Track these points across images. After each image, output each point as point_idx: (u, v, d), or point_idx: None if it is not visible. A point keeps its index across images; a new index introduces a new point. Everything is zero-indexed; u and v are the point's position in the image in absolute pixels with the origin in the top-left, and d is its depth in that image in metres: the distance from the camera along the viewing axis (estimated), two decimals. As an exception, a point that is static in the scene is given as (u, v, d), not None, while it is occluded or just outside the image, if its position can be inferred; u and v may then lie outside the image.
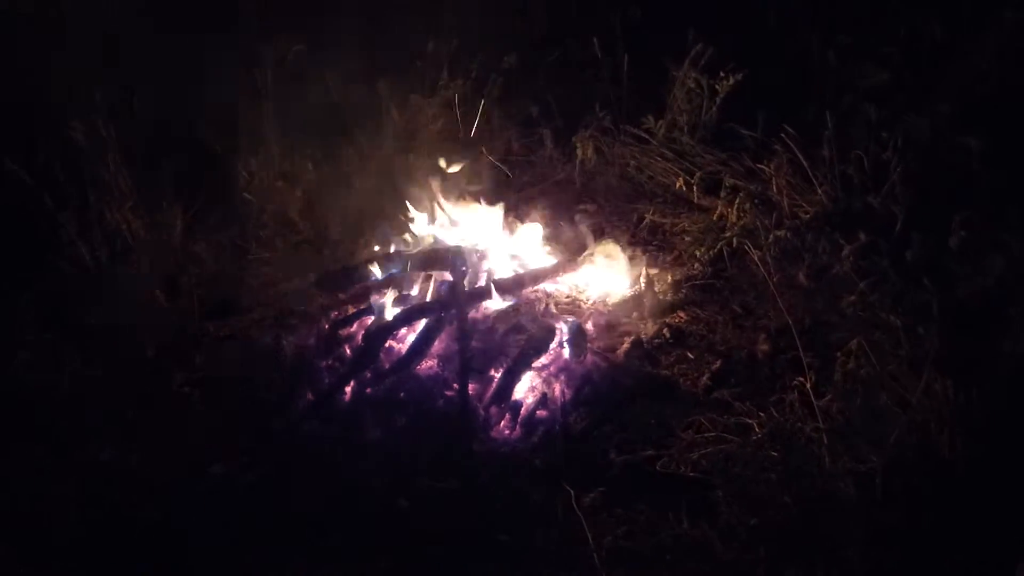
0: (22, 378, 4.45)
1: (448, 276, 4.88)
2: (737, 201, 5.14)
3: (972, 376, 3.44)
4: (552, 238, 5.42)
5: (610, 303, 5.00)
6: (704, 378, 4.34)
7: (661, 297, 4.96)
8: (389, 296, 4.84)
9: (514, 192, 5.96)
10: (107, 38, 6.12)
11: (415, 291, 4.98)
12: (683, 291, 5.05)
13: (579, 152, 6.05)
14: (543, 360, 4.50)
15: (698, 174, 5.63)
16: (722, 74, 5.68)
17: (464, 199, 5.40)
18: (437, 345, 4.60)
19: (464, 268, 4.81)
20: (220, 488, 3.94)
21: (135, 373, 4.59)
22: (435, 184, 5.37)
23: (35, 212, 5.03)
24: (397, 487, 3.86)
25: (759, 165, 5.19)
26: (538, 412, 4.26)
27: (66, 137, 5.15)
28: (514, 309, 4.83)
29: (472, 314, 4.75)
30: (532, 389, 4.39)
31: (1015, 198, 4.11)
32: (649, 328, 4.74)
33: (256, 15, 6.31)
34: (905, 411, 3.39)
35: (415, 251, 5.14)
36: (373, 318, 4.80)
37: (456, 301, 4.65)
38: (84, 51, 6.19)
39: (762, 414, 3.93)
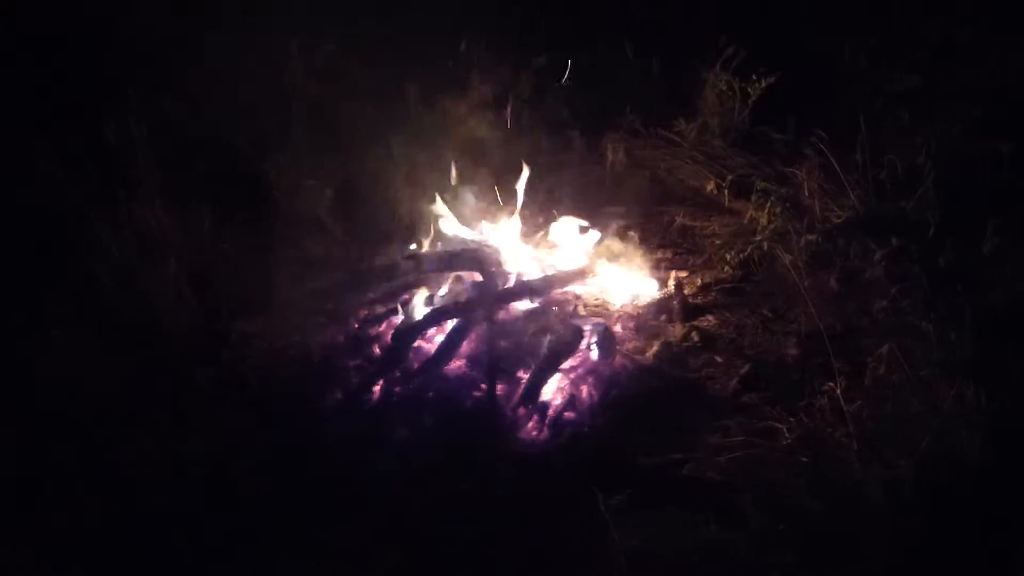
0: (51, 374, 4.48)
1: (477, 277, 4.88)
2: (768, 205, 5.11)
3: (1004, 383, 3.41)
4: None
5: (639, 305, 4.99)
6: (733, 382, 4.32)
7: (690, 300, 4.94)
8: (418, 296, 4.84)
9: (543, 194, 5.95)
10: (138, 37, 6.18)
11: (444, 291, 4.98)
12: (712, 294, 5.03)
13: (609, 154, 6.04)
14: (571, 362, 4.50)
15: (729, 177, 5.60)
16: (754, 77, 5.66)
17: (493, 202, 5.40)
18: (466, 346, 4.61)
19: (493, 269, 4.81)
20: (246, 484, 3.95)
21: (163, 370, 4.61)
22: (464, 186, 5.38)
23: (66, 209, 5.06)
24: (424, 486, 3.87)
25: (790, 169, 5.16)
26: (566, 414, 4.25)
27: (98, 135, 5.18)
28: (543, 310, 4.83)
29: (501, 315, 4.75)
30: (560, 391, 4.38)
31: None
32: (678, 331, 4.72)
33: (287, 15, 6.32)
34: (936, 417, 3.36)
35: (444, 251, 5.14)
36: (402, 318, 4.81)
37: (485, 302, 4.65)
38: (116, 50, 6.26)
39: (791, 419, 3.90)
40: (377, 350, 4.70)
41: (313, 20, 6.35)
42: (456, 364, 4.56)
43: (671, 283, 4.95)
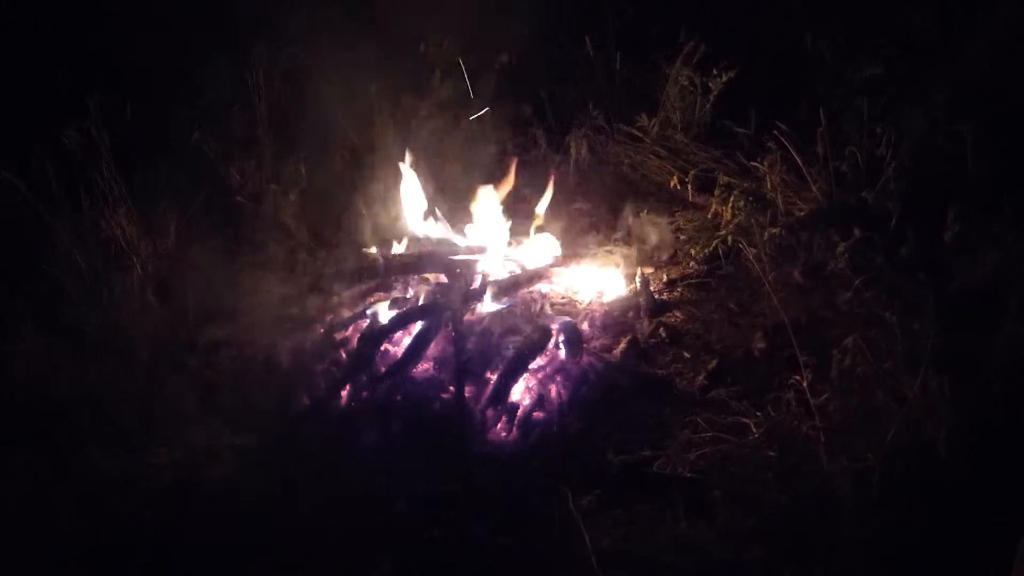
0: (18, 382, 4.44)
1: (443, 278, 4.87)
2: (732, 199, 5.12)
3: (969, 371, 3.43)
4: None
5: (605, 303, 4.99)
6: (700, 377, 4.33)
7: (657, 296, 4.95)
8: (385, 300, 4.83)
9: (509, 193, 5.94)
10: (100, 43, 6.13)
11: (410, 294, 4.97)
12: (678, 290, 5.04)
13: (573, 151, 6.03)
14: (539, 361, 4.50)
15: (692, 172, 5.60)
16: (715, 71, 5.66)
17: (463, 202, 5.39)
18: (433, 348, 4.60)
19: (459, 270, 4.80)
20: (216, 493, 3.92)
21: (130, 378, 4.57)
22: (430, 187, 5.37)
23: (29, 218, 5.01)
24: (394, 490, 3.85)
25: (753, 162, 5.17)
26: (535, 413, 4.25)
27: (60, 143, 5.13)
28: (509, 310, 4.82)
29: (467, 316, 4.74)
30: (528, 390, 4.38)
31: (1009, 190, 4.10)
32: (645, 327, 4.73)
33: (249, 17, 6.29)
34: (902, 408, 3.37)
35: (409, 254, 5.13)
36: (368, 321, 4.79)
37: (451, 303, 4.64)
38: (77, 56, 6.21)
39: (759, 413, 3.92)
40: (344, 355, 4.68)
41: (277, 22, 6.31)
42: (423, 366, 4.54)
43: (637, 279, 4.95)
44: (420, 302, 4.85)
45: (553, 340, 4.57)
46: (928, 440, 3.33)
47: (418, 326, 4.67)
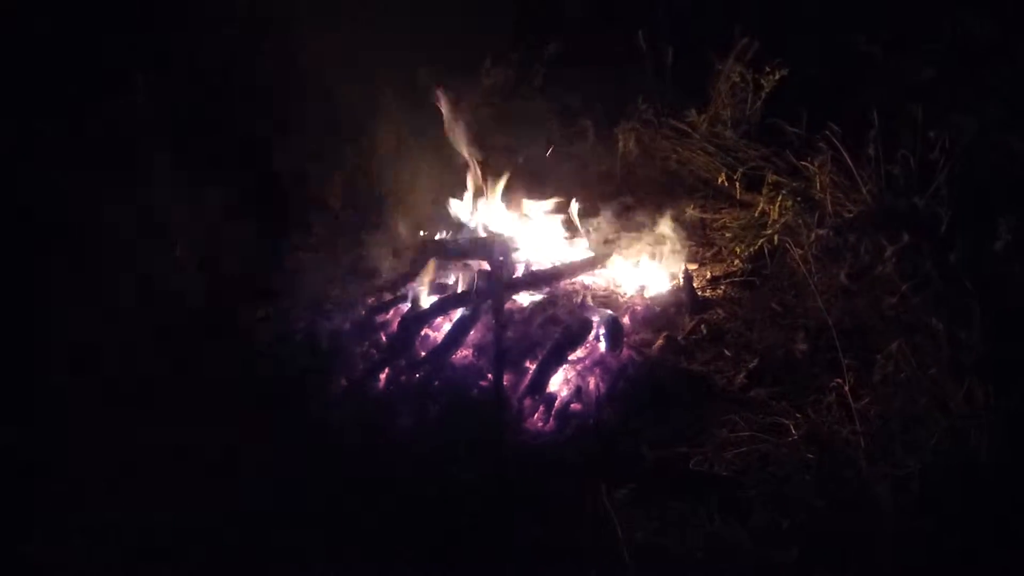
0: (55, 353, 4.49)
1: (485, 265, 4.86)
2: (779, 198, 5.09)
3: (1013, 382, 3.39)
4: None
5: (647, 297, 4.97)
6: (740, 376, 4.30)
7: (699, 293, 4.92)
8: (426, 284, 4.84)
9: (553, 183, 5.93)
10: (150, 16, 6.16)
11: (452, 280, 4.97)
12: (721, 287, 5.02)
13: (620, 144, 6.01)
14: (578, 353, 4.49)
15: (740, 170, 5.57)
16: (767, 69, 5.62)
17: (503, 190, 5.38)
18: (473, 335, 4.60)
19: (502, 258, 4.79)
20: (250, 471, 3.94)
21: (169, 354, 4.60)
22: (475, 173, 5.36)
23: (74, 190, 5.05)
24: (428, 476, 3.85)
25: (803, 162, 5.12)
26: (572, 405, 4.24)
27: (109, 116, 5.16)
28: (551, 301, 4.81)
29: (508, 304, 4.73)
30: (567, 382, 4.37)
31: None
32: (686, 324, 4.71)
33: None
34: (944, 416, 3.34)
35: (453, 240, 5.13)
36: (409, 305, 4.80)
37: (493, 291, 4.64)
38: (126, 28, 6.24)
39: (798, 415, 3.89)
40: (384, 337, 4.69)
41: (327, 5, 6.32)
42: (463, 353, 4.54)
43: (680, 275, 4.92)
44: (462, 288, 4.85)
45: (593, 332, 4.55)
46: (970, 449, 3.30)
47: (459, 312, 4.67)
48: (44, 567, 3.54)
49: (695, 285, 4.95)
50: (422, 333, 4.64)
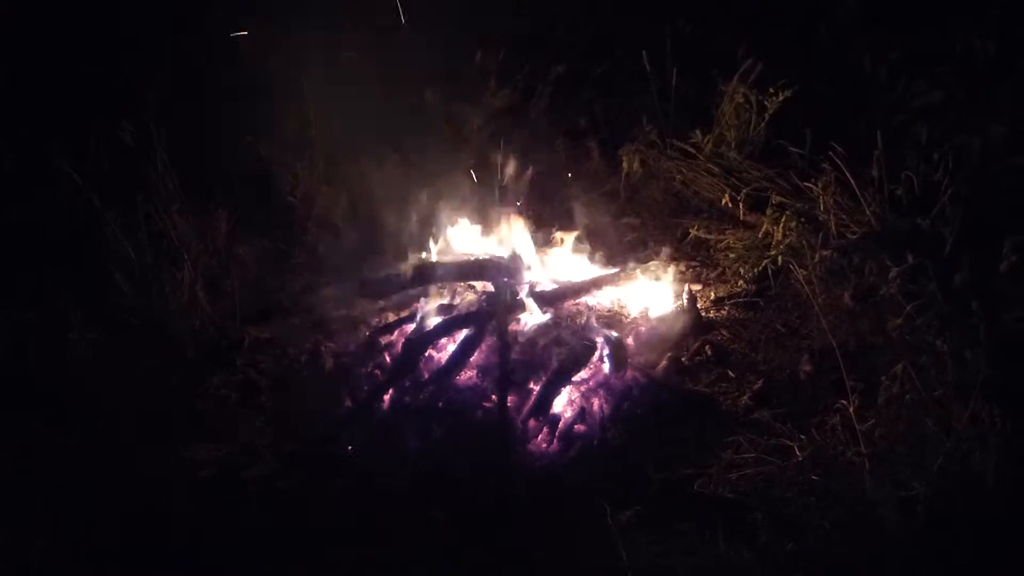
0: (66, 375, 4.49)
1: (489, 287, 4.87)
2: (783, 219, 5.08)
3: (1019, 403, 3.38)
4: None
5: (651, 318, 4.96)
6: (745, 397, 4.30)
7: (703, 314, 4.92)
8: (431, 305, 4.84)
9: (557, 204, 5.94)
10: (158, 41, 6.19)
11: (456, 301, 4.97)
12: (726, 308, 5.01)
13: (625, 165, 6.02)
14: (583, 374, 4.48)
15: (744, 190, 5.56)
16: (771, 90, 5.62)
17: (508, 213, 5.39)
18: (477, 356, 4.60)
19: (506, 279, 4.80)
20: (254, 492, 3.95)
21: (176, 374, 4.62)
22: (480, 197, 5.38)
23: (83, 211, 5.07)
24: (432, 497, 3.85)
25: (806, 183, 5.12)
26: (576, 426, 4.24)
27: (116, 138, 5.18)
28: (555, 322, 4.81)
29: (512, 326, 4.74)
30: (571, 403, 4.37)
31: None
32: (690, 345, 4.70)
33: (306, 21, 6.33)
34: (950, 438, 3.33)
35: (457, 261, 5.13)
36: (414, 327, 4.80)
37: (497, 312, 4.64)
38: (135, 52, 6.28)
39: (803, 436, 3.87)
40: (388, 358, 4.70)
41: (333, 27, 6.35)
42: (467, 374, 4.55)
43: (684, 296, 4.92)
44: (466, 309, 4.85)
45: (597, 353, 4.55)
46: (976, 471, 3.28)
47: (463, 333, 4.68)
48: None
49: (699, 306, 4.94)
50: (426, 354, 4.63)
